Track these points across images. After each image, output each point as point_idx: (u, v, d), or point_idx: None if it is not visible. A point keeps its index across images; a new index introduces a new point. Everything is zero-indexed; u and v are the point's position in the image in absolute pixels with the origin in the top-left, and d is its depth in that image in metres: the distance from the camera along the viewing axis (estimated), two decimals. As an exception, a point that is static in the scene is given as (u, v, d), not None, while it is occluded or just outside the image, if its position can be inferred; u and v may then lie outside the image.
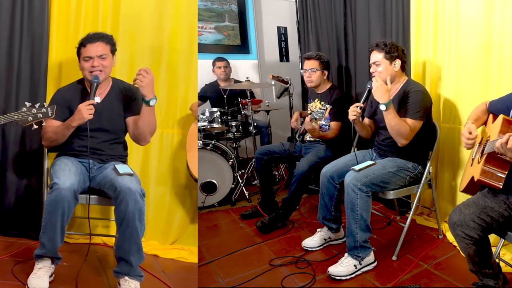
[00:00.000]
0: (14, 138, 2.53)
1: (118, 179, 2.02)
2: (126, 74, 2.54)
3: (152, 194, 2.66)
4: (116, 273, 2.05)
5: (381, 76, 2.29)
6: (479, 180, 1.62)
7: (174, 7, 2.62)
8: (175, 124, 2.70)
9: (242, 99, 3.70)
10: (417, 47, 2.68)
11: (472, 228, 1.60)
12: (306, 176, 2.77)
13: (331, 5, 3.49)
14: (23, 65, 2.50)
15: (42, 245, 1.98)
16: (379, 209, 3.11)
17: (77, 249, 2.48)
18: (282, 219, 2.85)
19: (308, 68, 2.98)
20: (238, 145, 4.05)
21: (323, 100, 2.99)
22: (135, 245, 2.00)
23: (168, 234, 2.71)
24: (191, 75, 2.69)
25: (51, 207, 1.91)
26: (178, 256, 2.59)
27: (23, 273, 2.07)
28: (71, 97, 2.21)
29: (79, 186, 2.00)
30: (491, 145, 1.57)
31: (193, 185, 2.75)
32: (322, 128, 2.97)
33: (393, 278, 2.11)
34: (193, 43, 2.68)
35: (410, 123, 2.22)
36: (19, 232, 2.55)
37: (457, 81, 2.47)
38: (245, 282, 2.15)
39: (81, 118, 2.02)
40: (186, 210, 2.76)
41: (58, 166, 2.08)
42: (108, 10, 2.57)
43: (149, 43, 2.62)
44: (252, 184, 3.83)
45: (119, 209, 1.98)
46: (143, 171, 2.66)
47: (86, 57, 2.12)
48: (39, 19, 2.50)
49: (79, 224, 2.64)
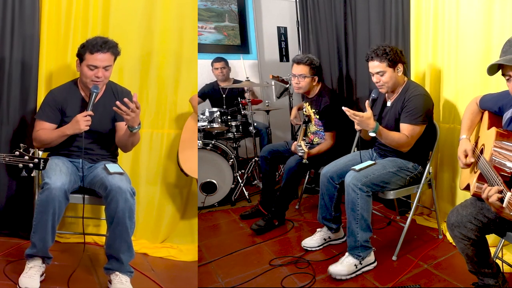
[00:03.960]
0: (5, 138, 2.52)
1: (108, 178, 2.04)
2: (116, 76, 2.53)
3: (142, 193, 2.68)
4: (107, 269, 2.08)
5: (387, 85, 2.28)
6: (475, 194, 1.62)
7: (163, 9, 2.63)
8: (165, 124, 2.72)
9: (242, 99, 3.70)
10: (417, 48, 2.68)
11: (469, 229, 1.60)
12: (295, 173, 2.76)
13: (331, 5, 3.49)
14: (14, 66, 2.49)
15: (33, 245, 1.99)
16: (379, 209, 3.11)
17: (68, 248, 2.49)
18: (277, 216, 2.84)
19: (297, 74, 2.82)
20: (238, 145, 4.05)
21: (313, 107, 2.94)
22: (125, 243, 2.03)
23: (158, 233, 2.73)
24: (190, 75, 2.70)
25: (42, 207, 1.93)
26: (167, 254, 2.62)
27: (14, 272, 2.08)
28: (63, 99, 2.20)
29: (70, 186, 2.01)
30: (483, 165, 1.57)
31: (183, 184, 2.76)
32: (318, 134, 2.96)
33: (393, 278, 2.11)
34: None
35: (410, 129, 2.23)
36: (10, 231, 2.56)
37: (456, 82, 2.47)
38: (245, 282, 2.15)
39: (77, 129, 2.05)
40: (175, 209, 2.77)
41: (49, 166, 2.06)
42: (98, 11, 2.57)
43: (138, 45, 2.63)
44: (252, 184, 3.83)
45: (109, 207, 2.00)
46: (134, 170, 2.68)
47: (92, 65, 2.09)
48: (30, 21, 2.49)
49: (70, 224, 2.65)
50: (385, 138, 2.24)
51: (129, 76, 2.63)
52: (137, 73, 2.65)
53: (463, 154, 1.78)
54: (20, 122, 2.52)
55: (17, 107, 2.52)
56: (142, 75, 2.66)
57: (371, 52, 2.29)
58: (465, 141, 1.84)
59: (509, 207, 1.25)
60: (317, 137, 2.97)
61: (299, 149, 2.68)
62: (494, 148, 1.56)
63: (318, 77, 2.89)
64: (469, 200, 1.71)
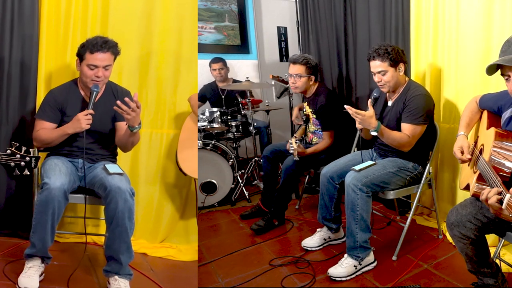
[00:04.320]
0: (4, 138, 2.52)
1: (108, 179, 2.04)
2: (116, 76, 2.53)
3: (141, 193, 2.68)
4: (106, 272, 2.07)
5: (389, 84, 2.28)
6: (474, 194, 1.62)
7: (162, 9, 2.63)
8: (164, 124, 2.72)
9: (242, 99, 3.70)
10: (417, 48, 2.68)
11: (468, 229, 1.60)
12: (293, 172, 2.76)
13: (331, 5, 3.49)
14: (13, 66, 2.49)
15: (33, 245, 1.99)
16: (379, 209, 3.11)
17: (67, 248, 2.50)
18: (277, 216, 2.84)
19: (293, 73, 2.83)
20: (238, 145, 4.05)
21: (311, 106, 2.95)
22: (125, 243, 2.03)
23: (157, 233, 2.74)
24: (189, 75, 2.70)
25: (41, 207, 1.93)
26: (166, 254, 2.63)
27: (13, 272, 2.08)
28: (63, 99, 2.20)
29: (69, 186, 2.01)
30: (483, 165, 1.57)
31: (182, 184, 2.77)
32: (317, 134, 2.96)
33: (393, 278, 2.11)
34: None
35: (411, 129, 2.23)
36: (10, 231, 2.56)
37: (456, 82, 2.47)
38: (245, 282, 2.15)
39: (78, 127, 2.05)
40: (175, 209, 2.78)
41: (48, 166, 2.09)
42: (97, 11, 2.57)
43: (138, 45, 2.64)
44: (252, 184, 3.82)
45: (109, 208, 2.01)
46: (133, 170, 2.68)
47: (92, 65, 2.09)
48: (29, 21, 2.49)
49: (69, 224, 2.65)
50: (386, 137, 2.24)
51: (128, 76, 2.63)
52: (136, 73, 2.65)
53: (459, 150, 1.79)
54: (19, 122, 2.52)
55: (17, 107, 2.52)
56: (141, 75, 2.66)
57: (372, 51, 2.29)
58: (462, 137, 1.85)
59: (508, 209, 1.25)
60: (316, 136, 2.97)
61: (290, 147, 2.68)
62: (493, 148, 1.56)
63: (315, 77, 2.89)
64: (468, 199, 1.71)
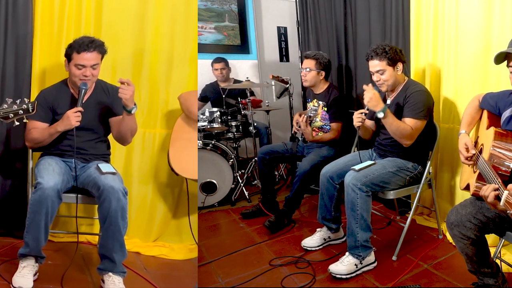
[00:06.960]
0: (-1, 137, 2.52)
1: (101, 178, 2.06)
2: (109, 76, 2.53)
3: (134, 192, 2.69)
4: (100, 270, 2.09)
5: (387, 83, 2.30)
6: (474, 194, 1.62)
7: (155, 10, 2.64)
8: (157, 123, 2.73)
9: (242, 99, 3.70)
10: (417, 47, 2.68)
11: (468, 228, 1.60)
12: (308, 175, 2.77)
13: (331, 5, 3.49)
14: (7, 66, 2.49)
15: (26, 244, 2.00)
16: (379, 209, 3.11)
17: (61, 247, 2.50)
18: (287, 216, 2.87)
19: (304, 67, 2.96)
20: (238, 145, 4.05)
21: (321, 101, 2.98)
22: (118, 242, 2.05)
23: (150, 232, 2.74)
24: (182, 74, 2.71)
25: (35, 207, 1.94)
26: (159, 253, 2.64)
27: (7, 272, 2.08)
28: (54, 99, 2.22)
29: (62, 186, 2.03)
30: (482, 165, 1.57)
31: (174, 183, 2.77)
32: (324, 129, 2.97)
33: (393, 278, 2.11)
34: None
35: (413, 123, 2.23)
36: (4, 231, 2.56)
37: (456, 82, 2.47)
38: (245, 282, 2.15)
39: (68, 124, 2.06)
40: (167, 208, 2.78)
41: (42, 165, 2.10)
42: (91, 10, 2.57)
43: (131, 45, 2.64)
44: (252, 184, 3.83)
45: (102, 207, 2.02)
46: (126, 170, 2.68)
47: (79, 65, 2.12)
48: (23, 21, 2.49)
49: (63, 223, 2.65)
50: (390, 123, 2.21)
51: (121, 75, 2.57)
52: (129, 73, 2.64)
53: (464, 147, 1.78)
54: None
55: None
56: (134, 75, 2.65)
57: (370, 51, 2.32)
58: (465, 135, 1.85)
59: (506, 205, 1.26)
60: (322, 131, 2.98)
61: (310, 111, 2.72)
62: (493, 147, 1.56)
63: (326, 74, 2.95)
64: (468, 199, 1.71)
